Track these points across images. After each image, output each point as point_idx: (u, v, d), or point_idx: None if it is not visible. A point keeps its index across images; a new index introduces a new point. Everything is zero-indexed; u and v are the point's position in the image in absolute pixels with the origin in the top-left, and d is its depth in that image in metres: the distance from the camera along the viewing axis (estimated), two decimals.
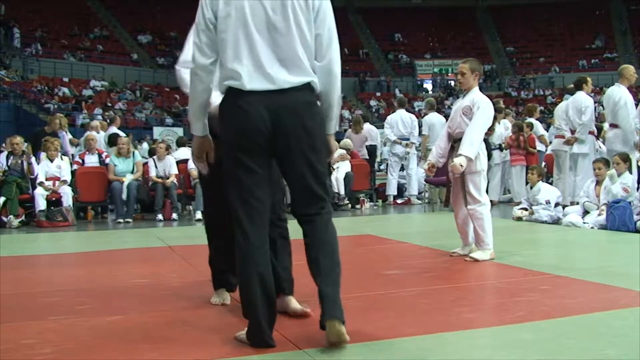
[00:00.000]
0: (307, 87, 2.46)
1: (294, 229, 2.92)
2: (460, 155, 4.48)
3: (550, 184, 8.24)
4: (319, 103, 2.55)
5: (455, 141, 4.76)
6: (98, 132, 10.84)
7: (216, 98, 2.56)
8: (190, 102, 2.54)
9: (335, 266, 2.45)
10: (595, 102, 9.67)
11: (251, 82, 2.39)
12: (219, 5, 2.41)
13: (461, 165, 4.45)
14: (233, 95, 2.43)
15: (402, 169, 10.54)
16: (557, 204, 7.29)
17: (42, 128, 10.63)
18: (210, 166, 2.76)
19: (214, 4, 2.43)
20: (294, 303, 2.93)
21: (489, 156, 4.88)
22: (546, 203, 7.10)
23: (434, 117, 10.27)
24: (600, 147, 8.85)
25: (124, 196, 8.55)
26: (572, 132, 8.12)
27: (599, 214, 6.47)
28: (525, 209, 7.36)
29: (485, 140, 4.78)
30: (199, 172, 3.17)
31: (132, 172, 8.82)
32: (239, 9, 2.39)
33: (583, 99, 7.99)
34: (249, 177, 2.43)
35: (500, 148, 9.73)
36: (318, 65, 2.49)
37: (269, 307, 2.43)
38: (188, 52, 2.85)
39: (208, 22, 2.43)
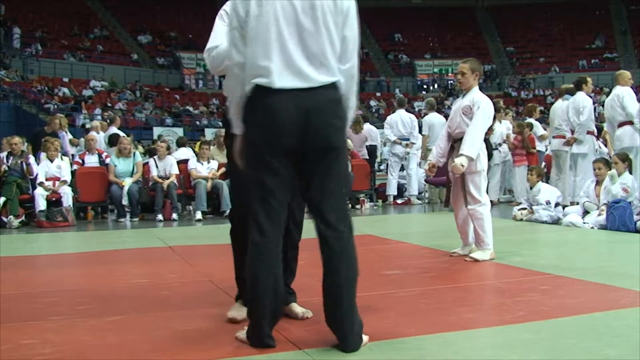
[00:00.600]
0: (334, 86, 2.46)
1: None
2: (461, 155, 4.49)
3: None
4: None
5: (455, 141, 4.76)
6: (98, 133, 10.85)
7: None
8: (233, 99, 2.55)
9: (354, 283, 2.46)
10: (595, 103, 9.71)
11: (281, 79, 2.38)
12: (250, 4, 2.41)
13: (462, 165, 4.46)
14: (261, 93, 2.40)
15: (402, 169, 10.54)
16: (557, 204, 7.30)
17: (42, 128, 10.64)
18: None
19: (246, 3, 2.43)
20: (295, 307, 2.95)
21: (490, 156, 4.88)
22: (546, 203, 7.11)
23: (434, 117, 10.27)
24: (600, 148, 8.86)
25: (125, 201, 8.55)
26: (573, 132, 8.14)
27: (599, 214, 6.48)
28: (525, 209, 7.37)
29: (486, 140, 4.78)
30: (230, 173, 3.02)
31: (132, 173, 8.82)
32: (270, 8, 2.39)
33: (582, 99, 8.02)
34: (273, 178, 2.42)
35: (498, 149, 9.73)
36: (342, 68, 2.49)
37: (276, 309, 2.45)
38: (212, 39, 2.91)
39: (241, 20, 2.43)
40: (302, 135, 2.38)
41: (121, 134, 10.38)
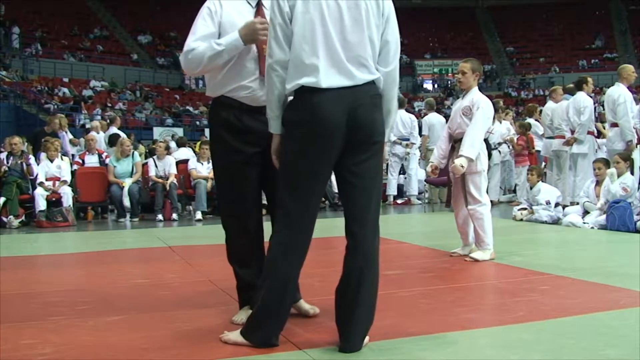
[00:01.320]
0: (374, 82, 2.45)
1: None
2: (461, 156, 4.49)
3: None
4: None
5: (455, 141, 4.77)
6: (98, 133, 10.84)
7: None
8: (268, 98, 2.47)
9: (376, 286, 2.47)
10: (595, 103, 9.70)
11: (328, 78, 2.35)
12: (296, 0, 2.39)
13: (462, 167, 4.46)
14: (307, 92, 2.36)
15: (402, 172, 10.52)
16: (557, 204, 7.30)
17: (41, 128, 10.64)
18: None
19: None
20: (303, 304, 2.97)
21: (489, 156, 4.89)
22: (546, 204, 7.11)
23: (433, 118, 10.29)
24: (599, 148, 8.86)
25: (126, 201, 8.53)
26: (572, 132, 8.13)
27: (600, 214, 6.47)
28: (525, 209, 7.37)
29: (485, 140, 4.78)
30: (221, 176, 2.92)
31: (131, 174, 8.81)
32: (316, 6, 2.37)
33: (582, 99, 8.01)
34: (314, 177, 2.41)
35: (497, 149, 9.73)
36: (384, 71, 2.48)
37: (288, 310, 2.48)
38: (191, 41, 2.80)
39: (286, 16, 2.39)
40: (348, 133, 2.36)
41: (121, 134, 10.38)
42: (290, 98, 2.44)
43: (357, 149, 2.39)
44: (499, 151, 9.76)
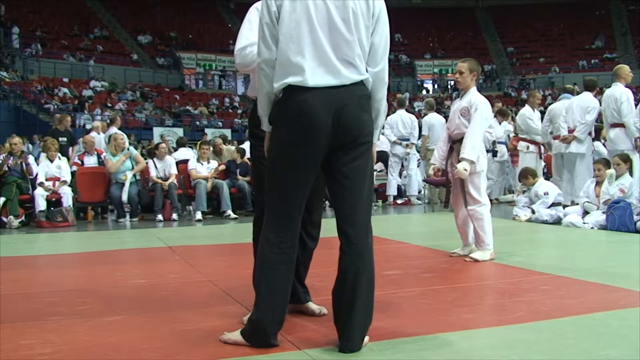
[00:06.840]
0: (362, 83, 2.45)
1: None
2: (462, 160, 4.49)
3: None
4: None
5: (454, 142, 4.77)
6: (99, 133, 10.83)
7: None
8: (259, 97, 2.52)
9: (372, 285, 2.45)
10: None
11: (314, 77, 2.36)
12: (283, 0, 2.40)
13: (465, 170, 4.46)
14: (293, 91, 2.38)
15: (402, 174, 10.52)
16: (558, 203, 7.30)
17: (55, 127, 10.66)
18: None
19: None
20: (311, 305, 2.98)
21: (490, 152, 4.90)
22: (544, 194, 7.15)
23: (433, 118, 10.28)
24: (595, 149, 8.86)
25: (125, 197, 8.52)
26: (571, 131, 8.11)
27: (603, 212, 6.46)
28: (528, 208, 7.38)
29: None
30: (258, 172, 2.91)
31: (132, 168, 8.82)
32: (303, 6, 2.38)
33: (590, 99, 8.00)
34: (300, 177, 2.40)
35: (494, 153, 9.71)
36: (371, 71, 2.48)
37: (284, 310, 2.47)
38: (247, 37, 2.84)
39: (273, 15, 2.41)
40: (334, 132, 2.37)
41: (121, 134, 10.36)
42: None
43: (344, 149, 2.40)
44: (494, 154, 9.74)
